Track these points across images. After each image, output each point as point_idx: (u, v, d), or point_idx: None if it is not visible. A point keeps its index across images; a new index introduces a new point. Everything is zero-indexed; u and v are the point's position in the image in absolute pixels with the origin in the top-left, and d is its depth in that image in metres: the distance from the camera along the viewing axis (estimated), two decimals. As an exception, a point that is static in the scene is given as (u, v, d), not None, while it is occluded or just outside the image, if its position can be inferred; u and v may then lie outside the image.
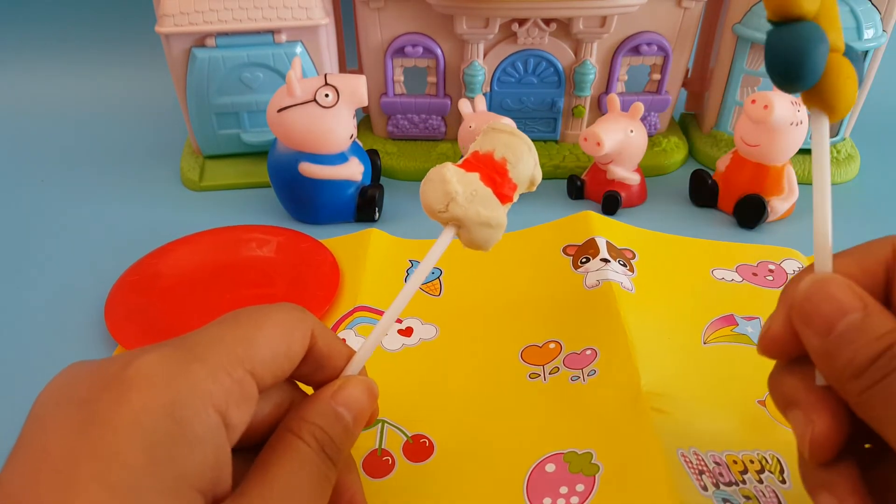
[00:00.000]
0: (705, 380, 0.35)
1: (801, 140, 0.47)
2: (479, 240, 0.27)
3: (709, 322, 0.39)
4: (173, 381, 0.19)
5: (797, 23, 0.25)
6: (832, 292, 0.22)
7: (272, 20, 0.51)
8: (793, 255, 0.45)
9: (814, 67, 0.24)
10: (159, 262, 0.44)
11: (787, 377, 0.24)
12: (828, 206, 0.24)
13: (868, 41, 0.51)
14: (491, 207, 0.27)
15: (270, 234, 0.47)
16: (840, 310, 0.21)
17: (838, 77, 0.25)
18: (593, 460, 0.30)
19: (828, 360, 0.22)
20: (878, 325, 0.21)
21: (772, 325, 0.24)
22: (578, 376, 0.35)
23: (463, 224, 0.27)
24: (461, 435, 0.32)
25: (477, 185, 0.27)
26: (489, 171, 0.27)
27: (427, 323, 0.40)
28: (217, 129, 0.56)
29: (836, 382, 0.22)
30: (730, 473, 0.29)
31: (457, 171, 0.27)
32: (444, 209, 0.27)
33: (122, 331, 0.39)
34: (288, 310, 0.24)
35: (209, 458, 0.19)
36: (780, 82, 0.25)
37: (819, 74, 0.25)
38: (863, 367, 0.20)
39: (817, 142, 0.25)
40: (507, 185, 0.27)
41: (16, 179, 0.59)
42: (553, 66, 0.55)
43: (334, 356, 0.25)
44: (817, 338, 0.22)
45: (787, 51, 0.25)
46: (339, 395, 0.24)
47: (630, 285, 0.40)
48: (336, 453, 0.23)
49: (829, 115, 0.25)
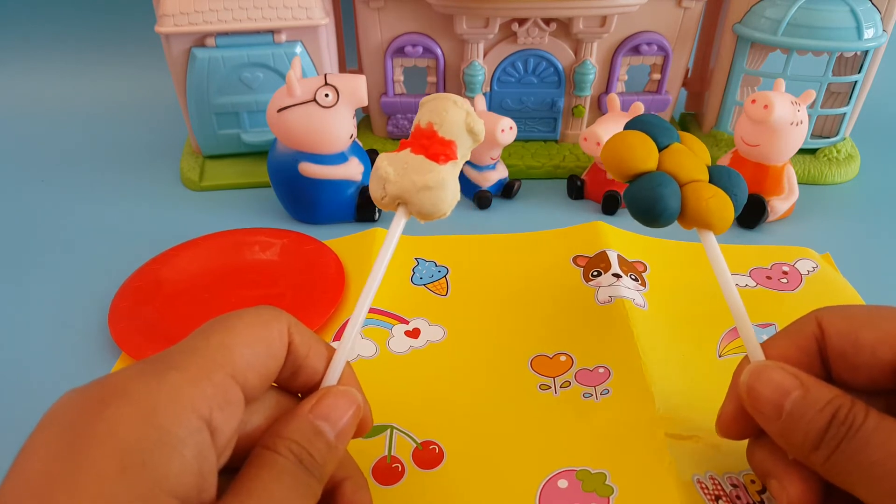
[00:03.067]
0: (721, 396, 0.34)
1: (801, 140, 0.47)
2: (426, 206, 0.27)
3: (723, 333, 0.38)
4: (151, 391, 0.19)
5: (642, 176, 0.30)
6: (769, 377, 0.24)
7: (272, 20, 0.51)
8: (807, 254, 0.45)
9: (665, 206, 0.29)
10: (162, 267, 0.44)
11: (759, 450, 0.26)
12: (740, 302, 0.28)
13: (868, 41, 0.51)
14: (424, 171, 0.27)
15: (274, 237, 0.47)
16: (780, 392, 0.23)
17: (698, 202, 0.29)
18: (607, 481, 0.30)
19: (785, 440, 0.24)
20: (818, 398, 0.23)
21: (724, 410, 0.27)
22: (591, 394, 0.34)
23: (403, 198, 0.27)
24: (471, 442, 0.32)
25: (407, 158, 0.27)
26: (418, 140, 0.28)
27: (434, 324, 0.40)
28: (217, 128, 0.56)
29: (800, 457, 0.24)
30: (747, 495, 0.29)
31: (387, 155, 0.28)
32: (383, 193, 0.27)
33: (127, 339, 0.38)
34: (260, 310, 0.23)
35: (190, 463, 0.18)
36: (646, 224, 0.30)
37: (675, 209, 0.29)
38: (817, 440, 0.22)
39: (711, 254, 0.29)
40: (438, 144, 0.27)
41: (16, 179, 0.59)
42: (553, 65, 0.55)
43: (312, 356, 0.24)
44: (770, 422, 0.24)
45: (638, 202, 0.30)
46: (318, 409, 0.23)
47: (642, 301, 0.40)
48: (318, 469, 0.22)
49: (709, 230, 0.30)
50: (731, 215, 0.30)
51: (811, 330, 0.26)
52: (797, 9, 0.51)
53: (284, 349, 0.23)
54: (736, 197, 0.30)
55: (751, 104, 0.45)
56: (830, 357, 0.25)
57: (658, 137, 0.31)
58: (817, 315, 0.26)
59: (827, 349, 0.25)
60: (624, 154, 0.30)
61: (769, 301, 0.41)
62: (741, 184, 0.31)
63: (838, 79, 0.54)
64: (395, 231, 0.27)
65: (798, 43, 0.51)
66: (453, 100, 0.28)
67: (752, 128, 0.46)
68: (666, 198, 0.29)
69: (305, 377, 0.24)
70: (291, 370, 0.24)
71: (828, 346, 0.25)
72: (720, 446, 0.31)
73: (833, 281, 0.43)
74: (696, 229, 0.30)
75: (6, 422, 0.34)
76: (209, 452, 0.19)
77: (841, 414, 0.22)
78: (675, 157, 0.30)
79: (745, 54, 0.55)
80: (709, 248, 0.29)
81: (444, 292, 0.42)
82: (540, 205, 0.53)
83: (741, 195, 0.30)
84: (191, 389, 0.19)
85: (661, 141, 0.31)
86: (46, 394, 0.20)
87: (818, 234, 0.49)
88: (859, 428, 0.22)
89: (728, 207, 0.29)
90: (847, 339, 0.24)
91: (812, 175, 0.56)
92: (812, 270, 0.43)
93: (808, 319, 0.26)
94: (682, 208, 0.29)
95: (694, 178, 0.30)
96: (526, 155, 0.58)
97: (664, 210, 0.29)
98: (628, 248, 0.45)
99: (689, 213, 0.29)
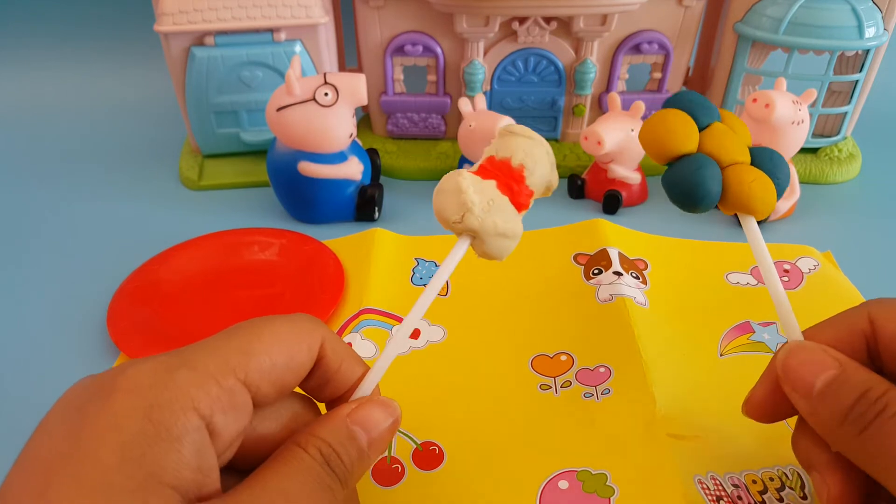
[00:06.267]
0: (722, 395, 0.34)
1: (802, 139, 0.47)
2: (494, 251, 0.26)
3: (724, 332, 0.38)
4: (156, 385, 0.19)
5: (682, 159, 0.29)
6: (807, 355, 0.23)
7: (271, 19, 0.51)
8: (808, 252, 0.45)
9: (707, 191, 0.28)
10: (161, 267, 0.44)
11: (803, 439, 0.25)
12: (780, 287, 0.27)
13: (869, 40, 0.51)
14: (508, 218, 0.26)
15: (273, 237, 0.47)
16: (817, 369, 0.23)
17: (740, 186, 0.28)
18: (608, 482, 0.30)
19: (815, 418, 0.23)
20: (853, 377, 0.22)
21: (755, 392, 0.26)
22: (592, 393, 0.34)
23: (478, 235, 0.25)
24: (471, 443, 0.32)
25: (494, 195, 0.26)
26: (506, 178, 0.26)
27: (435, 324, 0.40)
28: (216, 128, 0.56)
29: (827, 438, 0.23)
30: (749, 495, 0.28)
31: (473, 179, 0.26)
32: (459, 220, 0.25)
33: (125, 340, 0.38)
34: (295, 320, 0.23)
35: (187, 459, 0.19)
36: (685, 209, 0.29)
37: (716, 194, 0.28)
38: (843, 415, 0.22)
39: (751, 238, 0.28)
40: (525, 192, 0.26)
41: (15, 179, 0.59)
42: (553, 64, 0.55)
43: (344, 370, 0.24)
44: (802, 400, 0.23)
45: (678, 186, 0.28)
46: (356, 415, 0.23)
47: (643, 299, 0.40)
48: (344, 472, 0.22)
49: (751, 215, 0.29)
50: (773, 199, 0.28)
51: (860, 326, 0.24)
52: (798, 7, 0.51)
53: (310, 363, 0.23)
54: (778, 180, 0.29)
55: (752, 103, 0.45)
56: (883, 355, 0.24)
57: (699, 117, 0.29)
58: (870, 310, 0.24)
59: (879, 347, 0.24)
60: (664, 136, 0.28)
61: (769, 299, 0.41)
62: (784, 167, 0.29)
63: (839, 78, 0.54)
64: (455, 259, 0.26)
65: (799, 42, 0.51)
66: (547, 149, 0.27)
67: (754, 126, 0.46)
68: (707, 182, 0.27)
69: (334, 389, 0.24)
70: (321, 382, 0.24)
71: (880, 345, 0.24)
72: (721, 446, 0.31)
73: (834, 279, 0.43)
74: (738, 214, 0.29)
75: (6, 422, 0.34)
76: (208, 450, 0.19)
77: (872, 394, 0.21)
78: (716, 137, 0.29)
79: (746, 53, 0.55)
80: (750, 233, 0.28)
81: (445, 292, 0.42)
82: (540, 204, 0.53)
83: (784, 179, 0.29)
84: (195, 389, 0.19)
85: (701, 121, 0.29)
86: (45, 393, 0.20)
87: (819, 233, 0.49)
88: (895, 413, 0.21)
89: (771, 191, 0.28)
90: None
91: (813, 174, 0.56)
92: (813, 269, 0.43)
93: (859, 313, 0.25)
94: (722, 192, 0.28)
95: (735, 160, 0.28)
96: (526, 154, 0.58)
97: (706, 195, 0.28)
98: (629, 246, 0.45)
99: (731, 197, 0.28)
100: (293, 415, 0.24)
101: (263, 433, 0.23)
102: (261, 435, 0.23)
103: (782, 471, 0.30)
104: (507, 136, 0.27)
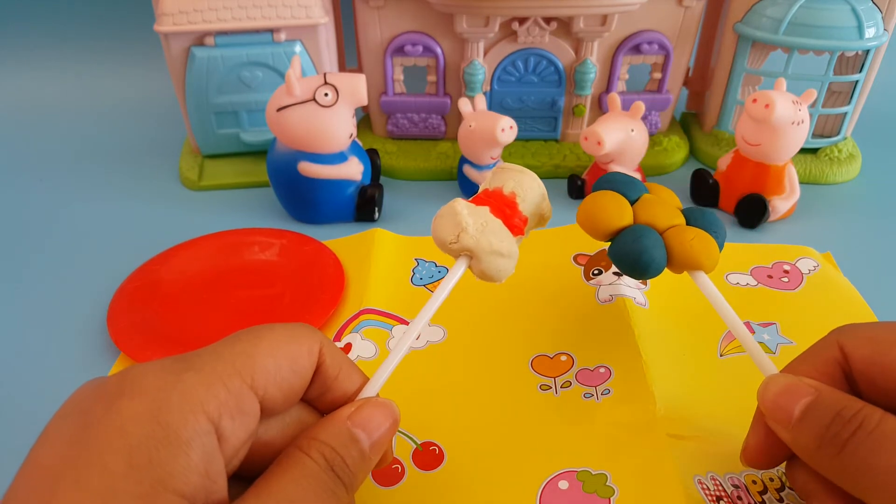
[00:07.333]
0: (722, 395, 0.34)
1: (802, 139, 0.47)
2: (491, 270, 0.28)
3: (724, 332, 0.38)
4: (163, 388, 0.19)
5: (622, 232, 0.30)
6: (784, 387, 0.24)
7: (271, 19, 0.51)
8: (808, 252, 0.45)
9: (651, 257, 0.29)
10: (161, 268, 0.44)
11: (797, 471, 0.25)
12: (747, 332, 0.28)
13: (869, 40, 0.51)
14: (502, 238, 0.27)
15: (273, 237, 0.47)
16: (794, 399, 0.23)
17: (682, 245, 0.29)
18: (608, 482, 0.30)
19: (797, 446, 0.23)
20: (827, 399, 0.22)
21: (749, 440, 0.27)
22: (592, 394, 0.34)
23: (474, 254, 0.27)
24: (471, 443, 0.32)
25: (487, 217, 0.28)
26: (499, 204, 0.28)
27: (434, 325, 0.39)
28: (216, 128, 0.56)
29: (811, 463, 0.23)
30: (748, 496, 0.28)
31: (467, 204, 0.28)
32: (454, 240, 0.27)
33: (125, 340, 0.38)
34: (293, 327, 0.23)
35: (196, 463, 0.18)
36: (636, 278, 0.30)
37: (661, 258, 0.29)
38: (821, 438, 0.22)
39: (707, 292, 0.29)
40: (518, 216, 0.29)
41: (14, 178, 0.59)
42: (553, 64, 0.55)
43: (342, 378, 0.24)
44: (785, 430, 0.23)
45: (623, 257, 0.30)
46: (356, 416, 0.23)
47: (643, 300, 0.40)
48: (348, 476, 0.22)
49: (699, 270, 0.30)
50: (716, 252, 0.30)
51: (832, 355, 0.25)
52: (798, 8, 0.51)
53: (312, 367, 0.23)
54: (716, 234, 0.31)
55: (752, 103, 0.45)
56: (858, 381, 0.24)
57: (627, 193, 0.31)
58: (838, 339, 0.25)
59: (854, 374, 0.24)
60: (598, 214, 0.30)
61: (770, 300, 0.41)
62: (717, 220, 0.31)
63: (839, 78, 0.54)
64: (453, 279, 0.28)
65: (799, 42, 0.51)
66: (537, 180, 0.30)
67: (754, 127, 0.46)
68: (650, 248, 0.29)
69: (333, 398, 0.24)
70: (320, 390, 0.24)
71: (854, 371, 0.24)
72: (721, 446, 0.31)
73: (834, 280, 0.43)
74: (688, 272, 0.30)
75: (6, 422, 0.34)
76: (216, 455, 0.19)
77: (846, 413, 0.22)
78: (648, 207, 0.31)
79: (746, 53, 0.55)
80: (704, 287, 0.29)
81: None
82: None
83: (721, 231, 0.31)
84: (203, 391, 0.19)
85: (630, 195, 0.31)
86: (45, 394, 0.20)
87: (819, 234, 0.49)
88: (872, 430, 0.21)
89: (712, 245, 0.30)
90: (874, 364, 0.24)
91: (813, 174, 0.56)
92: (813, 269, 0.43)
93: (828, 343, 0.25)
94: (668, 255, 0.30)
95: (671, 223, 0.30)
96: (526, 154, 0.58)
97: (651, 260, 0.29)
98: None
99: (676, 257, 0.30)
100: (300, 422, 0.23)
101: (269, 440, 0.23)
102: (267, 441, 0.22)
103: (782, 471, 0.30)
104: (499, 171, 0.29)
